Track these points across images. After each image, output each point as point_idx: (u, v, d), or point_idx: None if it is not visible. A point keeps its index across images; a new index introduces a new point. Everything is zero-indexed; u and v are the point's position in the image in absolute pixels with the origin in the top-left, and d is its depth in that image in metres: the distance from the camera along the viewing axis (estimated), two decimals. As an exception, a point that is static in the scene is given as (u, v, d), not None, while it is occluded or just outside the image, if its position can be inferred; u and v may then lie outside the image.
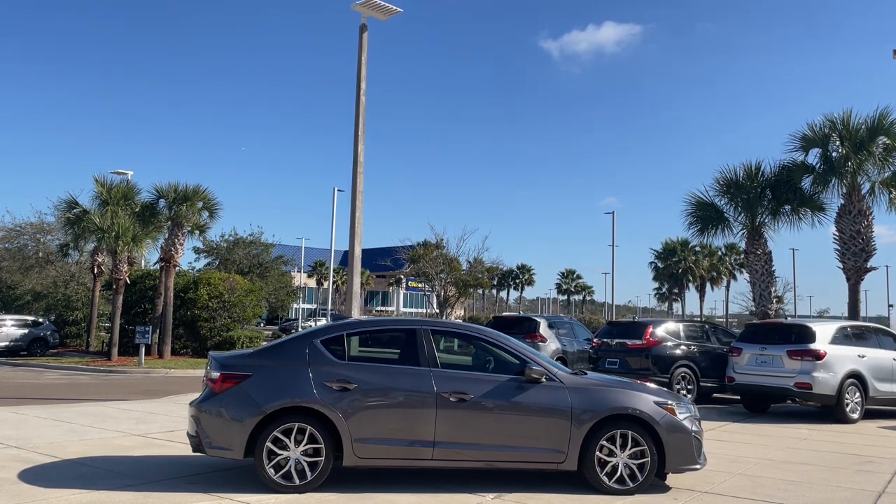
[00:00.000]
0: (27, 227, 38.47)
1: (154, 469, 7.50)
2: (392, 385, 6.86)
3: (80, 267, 35.83)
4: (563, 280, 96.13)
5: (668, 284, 67.80)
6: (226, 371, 6.83)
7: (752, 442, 10.76)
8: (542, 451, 6.88)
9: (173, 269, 26.72)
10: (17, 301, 35.94)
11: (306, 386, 6.69)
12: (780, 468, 8.68)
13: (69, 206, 26.98)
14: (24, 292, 36.36)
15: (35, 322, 30.25)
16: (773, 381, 13.54)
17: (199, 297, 27.87)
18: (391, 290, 79.89)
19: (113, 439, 9.30)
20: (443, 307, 40.95)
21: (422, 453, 6.75)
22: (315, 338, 7.08)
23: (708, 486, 7.52)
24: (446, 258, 40.72)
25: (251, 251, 41.68)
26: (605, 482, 6.91)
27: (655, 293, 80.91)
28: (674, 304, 78.57)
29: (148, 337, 23.99)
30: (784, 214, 19.92)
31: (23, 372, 22.16)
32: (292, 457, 6.58)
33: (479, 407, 6.82)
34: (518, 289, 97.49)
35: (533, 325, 17.80)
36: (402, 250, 41.37)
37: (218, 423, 6.68)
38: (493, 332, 7.65)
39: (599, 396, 7.06)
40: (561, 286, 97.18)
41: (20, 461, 7.65)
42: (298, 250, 54.69)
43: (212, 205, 27.32)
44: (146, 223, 26.54)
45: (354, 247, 15.71)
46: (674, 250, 59.93)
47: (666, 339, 15.56)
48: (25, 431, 9.62)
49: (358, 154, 15.88)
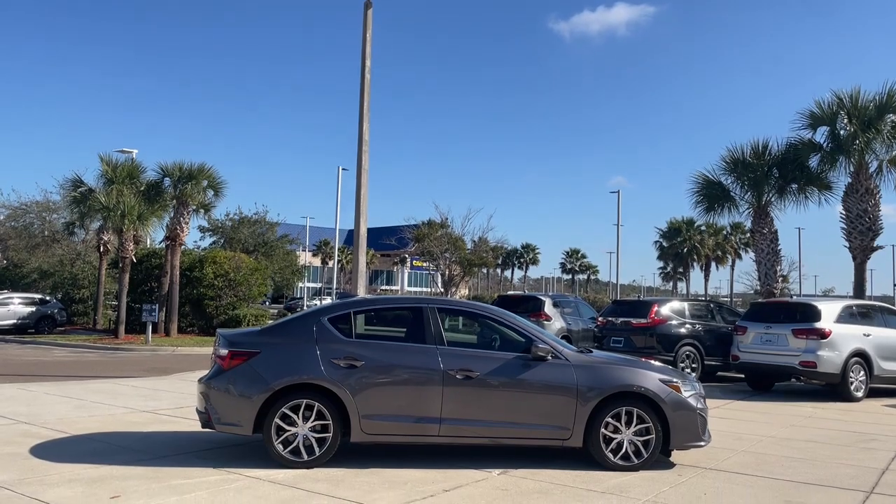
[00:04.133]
0: (33, 205, 38.58)
1: (163, 444, 7.58)
2: (399, 362, 6.90)
3: (87, 245, 35.92)
4: (568, 259, 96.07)
5: (673, 264, 67.63)
6: (234, 348, 6.87)
7: (756, 420, 10.81)
8: (548, 428, 6.93)
9: (179, 248, 26.79)
10: (24, 279, 36.05)
11: (314, 363, 6.73)
12: (784, 445, 8.73)
13: (75, 185, 27.03)
14: (30, 270, 36.48)
15: (42, 300, 30.39)
16: (777, 359, 13.57)
17: (205, 275, 27.95)
18: (396, 269, 79.95)
19: (122, 415, 9.40)
20: (447, 286, 40.99)
21: (428, 429, 6.80)
22: (322, 315, 7.12)
23: (713, 462, 7.57)
24: (451, 237, 40.69)
25: (256, 230, 41.72)
26: (611, 459, 6.96)
27: (660, 272, 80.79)
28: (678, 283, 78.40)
29: (155, 315, 24.10)
30: (791, 193, 19.85)
31: (31, 349, 22.32)
32: (301, 433, 6.64)
33: (485, 384, 6.86)
34: (522, 268, 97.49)
35: (538, 303, 17.83)
36: (407, 229, 41.35)
37: (227, 399, 6.73)
38: (499, 311, 7.67)
39: (605, 374, 7.09)
40: (565, 265, 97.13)
41: (31, 436, 7.74)
42: (303, 229, 54.69)
43: (217, 183, 27.33)
44: (151, 202, 26.56)
45: (360, 225, 15.72)
46: (679, 230, 59.75)
47: (671, 318, 15.59)
48: (35, 408, 9.71)
49: (363, 132, 15.83)
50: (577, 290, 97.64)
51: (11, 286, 35.00)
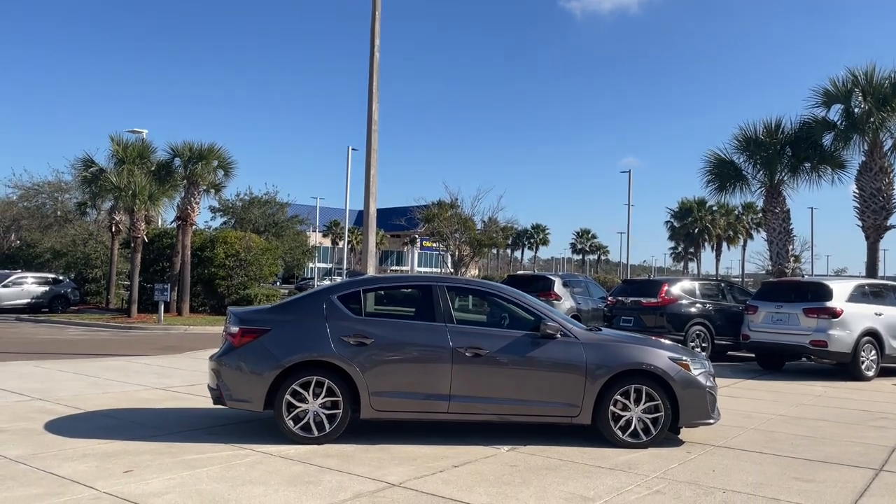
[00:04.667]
0: (45, 185, 38.80)
1: (176, 420, 7.66)
2: (408, 340, 6.93)
3: (99, 225, 36.13)
4: (578, 239, 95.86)
5: (684, 244, 67.40)
6: (245, 326, 6.92)
7: (765, 398, 10.81)
8: (557, 406, 6.95)
9: (190, 228, 26.90)
10: (37, 259, 36.35)
11: (324, 340, 6.77)
12: (793, 424, 8.74)
13: (86, 165, 27.11)
14: (43, 250, 36.78)
15: (55, 279, 30.64)
16: (788, 338, 13.54)
17: (216, 255, 28.08)
18: (406, 249, 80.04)
19: (135, 392, 9.50)
20: (457, 266, 40.99)
21: (438, 406, 6.84)
22: (332, 293, 7.15)
23: (722, 440, 7.58)
24: (461, 217, 40.61)
25: (266, 210, 41.80)
26: (619, 436, 6.99)
27: (671, 252, 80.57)
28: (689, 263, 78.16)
29: (167, 294, 24.27)
30: (803, 172, 19.71)
31: (45, 328, 22.53)
32: (311, 409, 6.70)
33: (494, 362, 6.89)
34: (532, 248, 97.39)
35: (547, 283, 17.83)
36: (417, 210, 41.27)
37: (238, 376, 6.79)
38: (508, 289, 7.68)
39: (614, 352, 7.10)
40: (576, 245, 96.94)
41: (45, 413, 7.84)
42: (313, 210, 54.76)
43: (227, 163, 27.37)
44: (162, 182, 26.62)
45: (369, 205, 15.72)
46: (690, 210, 59.45)
47: (681, 298, 15.56)
48: (50, 385, 9.83)
49: (372, 112, 15.78)
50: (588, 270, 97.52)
51: (25, 266, 35.31)
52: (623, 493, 5.46)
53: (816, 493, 5.65)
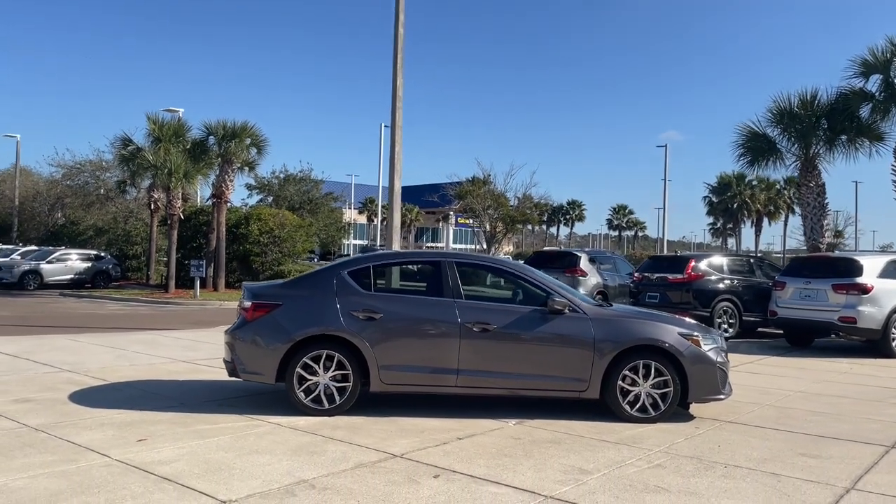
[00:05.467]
0: (87, 164, 39.67)
1: (195, 392, 7.90)
2: (416, 315, 7.02)
3: (139, 203, 36.89)
4: (615, 215, 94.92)
5: (723, 219, 66.28)
6: (257, 300, 7.08)
7: (788, 375, 10.70)
8: (564, 380, 7.00)
9: (224, 205, 27.32)
10: (80, 236, 37.33)
11: (334, 315, 6.90)
12: (811, 400, 8.66)
13: (124, 144, 27.68)
14: (86, 227, 37.75)
15: (97, 256, 31.49)
16: (816, 314, 13.34)
17: (251, 232, 28.52)
18: (441, 226, 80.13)
19: (161, 365, 9.78)
20: (490, 243, 40.97)
21: (446, 380, 6.94)
22: (343, 269, 7.26)
23: (733, 415, 7.56)
24: (493, 194, 40.54)
25: (301, 188, 42.18)
26: (627, 410, 7.02)
27: (710, 228, 79.42)
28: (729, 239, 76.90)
29: (202, 270, 24.80)
30: (840, 145, 19.18)
31: (86, 303, 23.20)
32: (321, 382, 6.85)
33: (501, 336, 6.95)
34: (568, 224, 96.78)
35: (573, 259, 17.75)
36: (450, 186, 41.30)
37: (251, 349, 6.97)
38: (517, 265, 7.72)
39: (623, 327, 7.11)
40: (612, 222, 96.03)
41: (72, 384, 8.14)
42: (348, 187, 55.17)
43: (259, 141, 27.66)
44: (197, 160, 27.04)
45: (394, 181, 15.82)
46: (729, 184, 58.33)
47: (708, 274, 15.39)
48: (81, 357, 10.18)
49: (397, 88, 15.83)
50: (625, 246, 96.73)
51: (69, 243, 36.29)
52: (623, 467, 5.50)
53: (820, 468, 5.63)
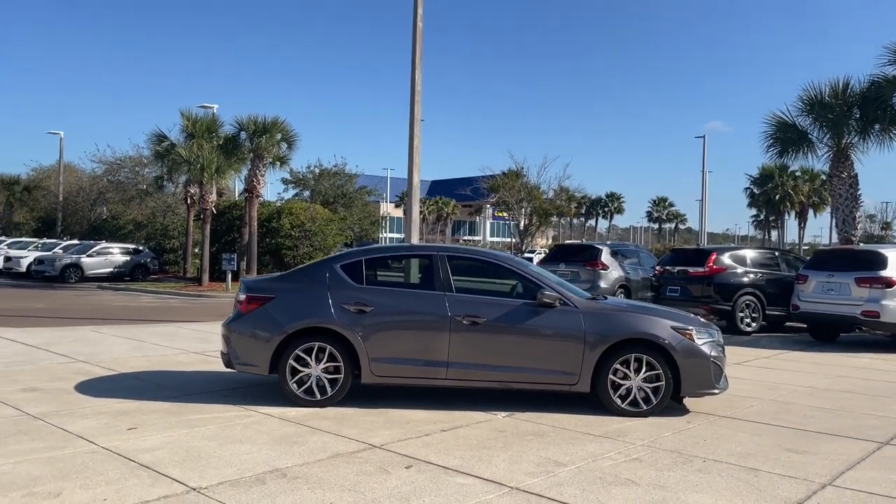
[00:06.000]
0: (127, 160, 40.59)
1: (198, 383, 8.09)
2: (407, 308, 7.10)
3: (176, 198, 37.66)
4: (655, 208, 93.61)
5: (765, 211, 64.81)
6: (251, 293, 7.23)
7: (801, 370, 10.51)
8: (555, 374, 7.00)
9: (256, 200, 27.75)
10: (120, 230, 38.30)
11: (325, 308, 7.01)
12: (817, 395, 8.51)
13: (159, 140, 28.28)
14: (126, 222, 38.70)
15: (136, 250, 32.26)
16: (838, 308, 13.06)
17: (282, 226, 28.96)
18: (478, 219, 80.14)
19: (173, 356, 10.03)
20: (523, 236, 40.88)
21: (436, 373, 7.00)
22: (335, 263, 7.37)
23: (731, 410, 7.48)
24: (526, 186, 40.42)
25: (336, 182, 42.56)
26: (618, 404, 7.00)
27: (753, 221, 77.76)
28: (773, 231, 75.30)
29: (233, 264, 25.24)
30: (873, 134, 18.66)
31: (122, 295, 23.81)
32: (313, 374, 6.97)
33: (491, 329, 6.99)
34: (607, 217, 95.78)
35: (594, 252, 17.61)
36: (482, 179, 41.31)
37: (245, 341, 7.12)
38: (509, 259, 7.74)
39: (614, 321, 7.08)
40: (652, 214, 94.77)
41: (82, 374, 8.40)
42: (384, 180, 55.50)
43: (289, 136, 28.01)
44: (229, 155, 27.51)
45: (413, 175, 15.90)
46: (771, 175, 56.86)
47: (730, 267, 15.17)
48: (98, 348, 10.48)
49: (415, 82, 15.87)
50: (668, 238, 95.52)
51: (110, 237, 37.26)
52: (599, 460, 5.50)
53: (802, 464, 5.55)
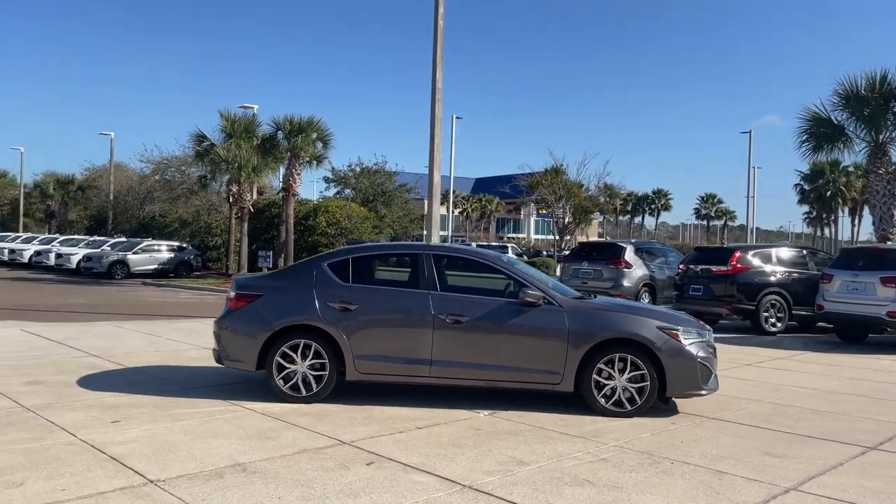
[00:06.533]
0: (173, 160, 41.62)
1: (196, 378, 8.30)
2: (391, 306, 7.18)
3: (219, 197, 38.49)
4: (703, 204, 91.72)
5: (816, 208, 63.12)
6: (241, 291, 7.40)
7: (814, 372, 10.26)
8: (538, 373, 7.00)
9: (292, 198, 28.19)
10: (166, 228, 39.34)
11: (311, 306, 7.13)
12: (820, 398, 8.31)
13: (199, 140, 28.98)
14: (172, 220, 39.72)
15: (180, 247, 33.11)
16: (863, 309, 12.70)
17: (318, 224, 29.40)
18: (522, 217, 79.79)
19: (184, 351, 10.30)
20: (562, 233, 40.62)
21: (419, 371, 7.06)
22: (323, 261, 7.49)
23: (723, 411, 7.38)
24: (566, 184, 40.14)
25: (376, 180, 42.89)
26: (602, 404, 6.95)
27: (805, 218, 75.81)
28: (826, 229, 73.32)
29: (269, 261, 25.75)
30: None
31: (162, 291, 24.46)
32: (299, 370, 7.10)
33: (474, 328, 7.01)
34: (653, 214, 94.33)
35: (617, 251, 17.40)
36: (521, 177, 41.14)
37: (233, 338, 7.30)
38: (495, 257, 7.75)
39: (598, 320, 7.04)
40: (700, 211, 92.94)
41: (89, 368, 8.69)
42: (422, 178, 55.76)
43: (325, 135, 28.37)
44: (266, 154, 28.03)
45: (433, 174, 15.97)
46: (822, 171, 55.28)
47: (755, 265, 14.86)
48: (114, 343, 10.82)
49: (436, 80, 15.94)
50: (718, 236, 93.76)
51: (156, 234, 38.30)
52: (563, 460, 5.49)
53: (773, 468, 5.45)
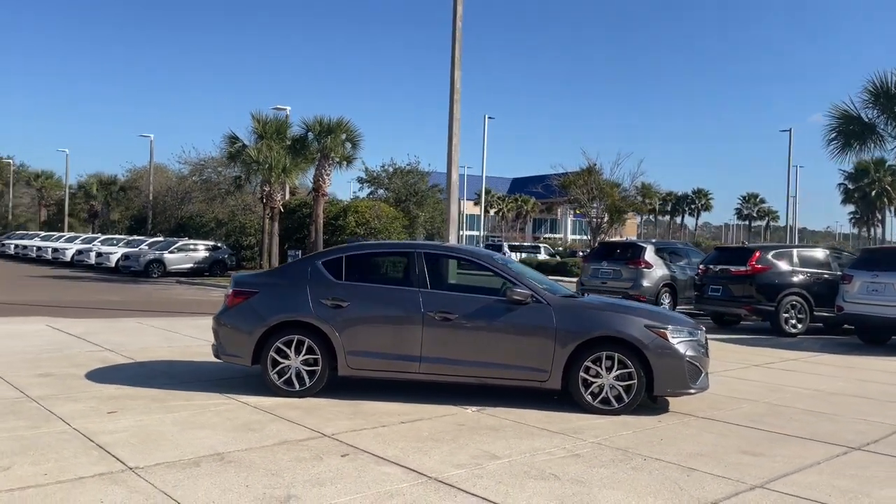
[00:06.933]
0: (210, 161, 42.47)
1: (200, 372, 8.53)
2: (381, 303, 7.32)
3: (254, 197, 39.18)
4: (744, 204, 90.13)
5: (860, 208, 61.61)
6: (238, 287, 7.62)
7: (823, 373, 10.12)
8: (525, 370, 7.07)
9: (322, 198, 28.57)
10: (203, 228, 40.17)
11: (304, 303, 7.31)
12: (820, 399, 8.22)
13: (231, 141, 29.55)
14: (208, 220, 40.56)
15: (215, 246, 33.81)
16: (883, 310, 12.44)
17: (348, 223, 29.74)
18: (559, 217, 79.47)
19: (196, 347, 10.57)
20: (595, 233, 40.38)
21: (409, 367, 7.19)
22: (317, 259, 7.67)
23: (713, 411, 7.36)
24: (599, 183, 39.90)
25: (408, 180, 43.17)
26: (589, 402, 7.00)
27: (851, 218, 74.08)
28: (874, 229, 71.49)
29: (298, 260, 26.10)
30: (946, 127, 17.62)
31: (195, 290, 25.02)
32: (293, 365, 7.28)
33: (463, 325, 7.12)
34: (693, 214, 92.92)
35: (637, 250, 17.27)
36: (553, 177, 41.03)
37: (230, 333, 7.51)
38: (485, 255, 7.84)
39: (585, 318, 7.09)
40: (741, 211, 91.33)
41: (100, 361, 9.00)
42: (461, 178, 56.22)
43: (354, 136, 28.66)
44: (297, 155, 28.45)
45: (451, 174, 16.08)
46: (866, 170, 53.86)
47: (775, 266, 14.66)
48: (131, 338, 11.15)
49: (455, 81, 16.05)
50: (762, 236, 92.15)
51: (193, 234, 39.13)
52: (536, 455, 5.56)
53: (747, 466, 5.45)
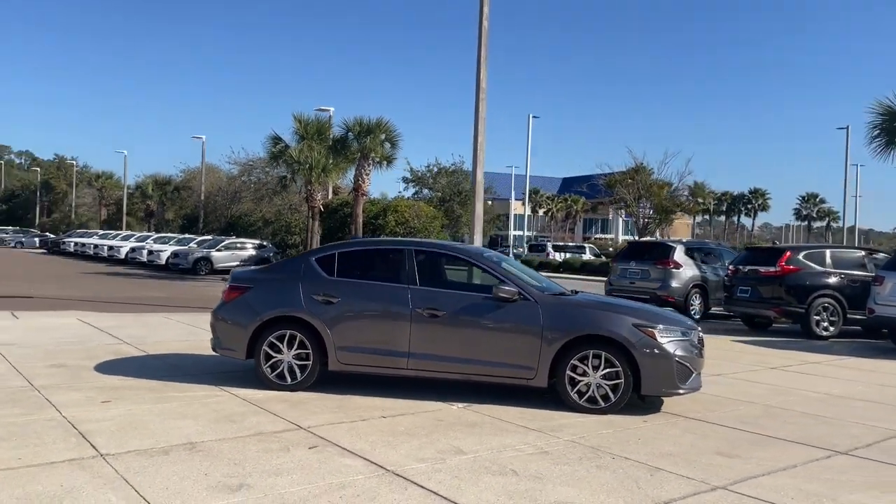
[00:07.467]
0: (258, 161, 43.33)
1: (205, 365, 8.77)
2: (371, 300, 7.42)
3: (300, 197, 39.86)
4: (804, 205, 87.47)
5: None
6: (234, 283, 7.82)
7: (841, 377, 9.83)
8: (511, 367, 7.07)
9: (362, 198, 28.84)
10: (251, 227, 41.08)
11: (296, 298, 7.46)
12: (825, 403, 8.00)
13: (274, 142, 30.05)
14: (256, 219, 41.45)
15: (260, 245, 34.54)
16: (915, 313, 11.98)
17: (388, 223, 29.97)
18: (610, 217, 78.59)
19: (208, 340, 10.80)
20: (642, 233, 39.86)
21: (397, 363, 7.27)
22: (311, 256, 7.82)
23: (705, 412, 7.24)
24: (646, 182, 39.40)
25: (452, 180, 43.35)
26: (575, 400, 6.96)
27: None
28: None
29: (336, 259, 26.46)
30: None
31: (236, 288, 25.56)
32: (285, 359, 7.43)
33: (450, 322, 7.16)
34: (750, 215, 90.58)
35: (665, 250, 16.97)
36: (599, 177, 40.71)
37: (226, 327, 7.72)
38: (475, 253, 7.88)
39: (572, 316, 7.06)
40: (801, 211, 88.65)
41: (114, 354, 9.32)
42: (504, 178, 56.00)
43: (392, 136, 28.84)
44: (338, 155, 28.81)
45: (476, 173, 16.11)
46: (930, 169, 51.95)
47: (806, 267, 14.26)
48: (151, 332, 11.50)
49: (480, 80, 16.05)
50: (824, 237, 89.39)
51: (241, 233, 40.05)
52: (504, 451, 5.57)
53: (716, 467, 5.36)
